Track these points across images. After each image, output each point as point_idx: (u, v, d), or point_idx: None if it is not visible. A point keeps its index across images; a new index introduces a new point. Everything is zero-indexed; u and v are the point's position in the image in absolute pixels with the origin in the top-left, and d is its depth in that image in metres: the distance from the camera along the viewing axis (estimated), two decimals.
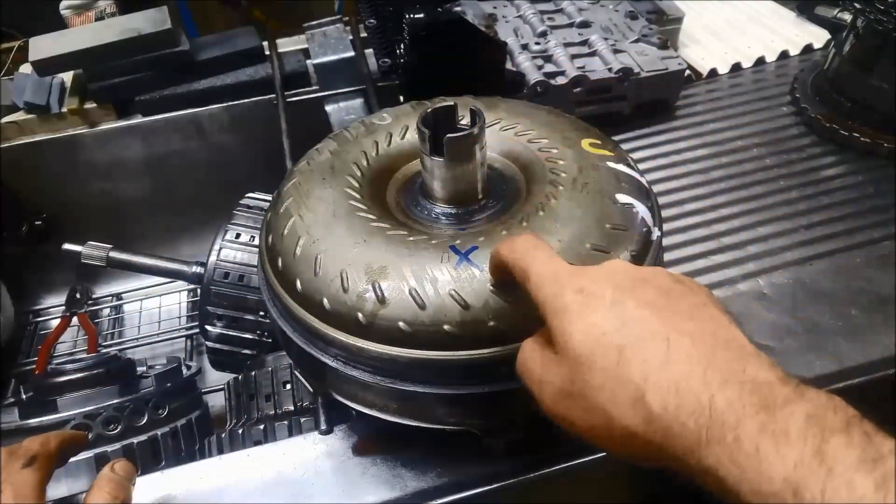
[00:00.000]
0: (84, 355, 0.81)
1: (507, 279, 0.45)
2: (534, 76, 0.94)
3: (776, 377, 0.33)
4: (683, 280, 0.40)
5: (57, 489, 0.63)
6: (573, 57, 0.98)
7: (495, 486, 0.57)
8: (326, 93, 1.04)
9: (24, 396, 0.73)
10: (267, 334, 0.80)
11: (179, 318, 1.20)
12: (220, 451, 0.68)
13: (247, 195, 0.87)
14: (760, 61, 1.13)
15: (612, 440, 0.36)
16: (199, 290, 0.84)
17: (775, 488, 0.29)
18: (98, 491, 0.48)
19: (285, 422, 0.68)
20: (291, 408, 0.71)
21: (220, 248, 0.80)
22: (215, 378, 1.00)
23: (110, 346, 1.15)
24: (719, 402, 0.32)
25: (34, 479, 0.47)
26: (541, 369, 0.40)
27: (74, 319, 1.16)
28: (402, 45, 0.88)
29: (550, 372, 0.39)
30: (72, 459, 0.63)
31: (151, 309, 1.23)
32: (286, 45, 1.19)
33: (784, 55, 1.14)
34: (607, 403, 0.35)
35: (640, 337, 0.36)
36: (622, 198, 0.53)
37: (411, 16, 0.82)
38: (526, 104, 0.67)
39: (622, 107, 1.00)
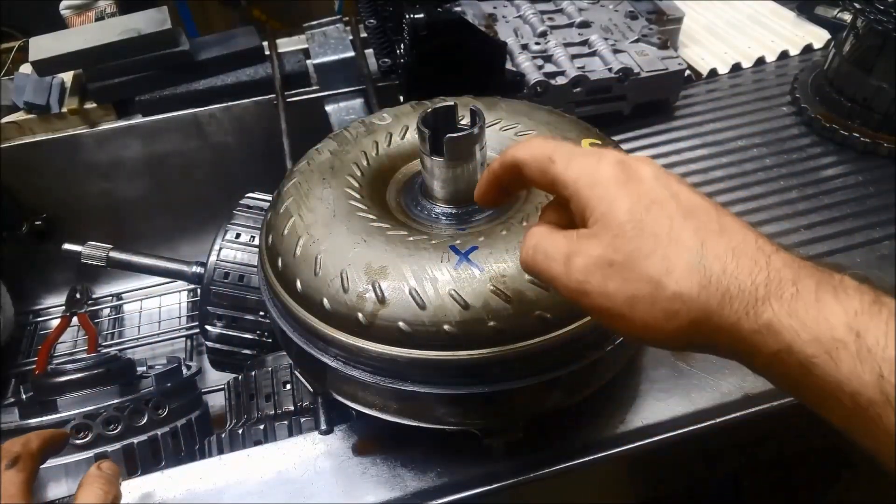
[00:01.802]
0: (84, 355, 0.81)
1: (505, 190, 0.44)
2: (534, 76, 0.94)
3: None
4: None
5: (57, 489, 0.63)
6: (573, 57, 0.98)
7: (495, 486, 0.57)
8: (326, 93, 1.04)
9: (24, 396, 0.73)
10: (267, 334, 0.80)
11: (179, 318, 1.20)
12: (220, 451, 0.68)
13: (247, 195, 0.87)
14: (760, 61, 1.13)
15: (653, 311, 0.34)
16: (199, 290, 0.84)
17: (836, 333, 0.30)
18: (89, 488, 0.48)
19: (285, 422, 0.68)
20: (291, 408, 0.71)
21: (220, 248, 0.80)
22: (215, 378, 1.00)
23: (110, 346, 1.15)
24: (776, 263, 0.33)
25: (19, 479, 0.47)
26: (567, 245, 0.37)
27: (74, 319, 1.16)
28: (402, 45, 0.88)
29: (582, 244, 0.36)
30: (72, 459, 0.63)
31: (151, 309, 1.23)
32: (286, 45, 1.19)
33: (784, 55, 1.14)
34: (657, 270, 0.34)
35: (690, 208, 0.36)
36: None
37: (411, 16, 0.82)
38: (526, 104, 0.67)
39: (622, 107, 1.00)
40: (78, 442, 0.65)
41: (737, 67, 1.12)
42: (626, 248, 0.35)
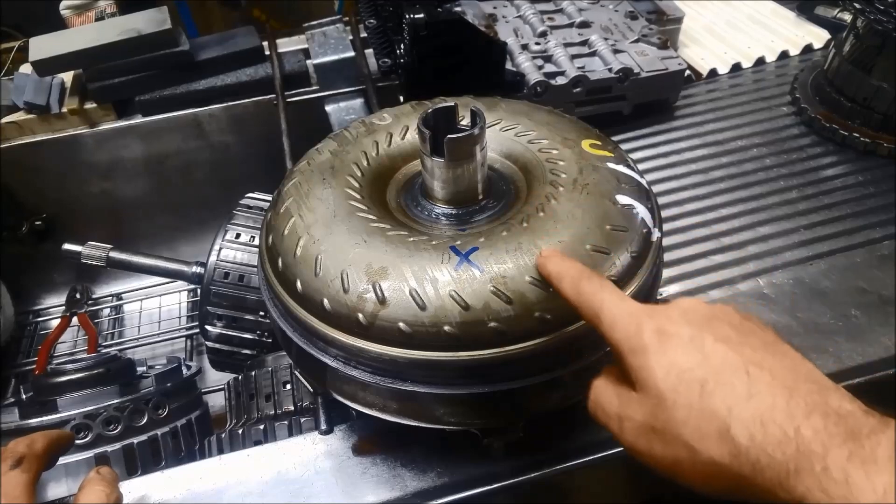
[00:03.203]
0: (84, 355, 0.81)
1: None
2: (534, 76, 0.94)
3: (859, 408, 0.34)
4: (750, 317, 0.41)
5: (57, 489, 0.63)
6: (573, 57, 0.98)
7: (495, 486, 0.57)
8: (326, 93, 1.04)
9: (24, 396, 0.73)
10: (267, 334, 0.80)
11: (179, 318, 1.20)
12: (220, 451, 0.68)
13: (247, 195, 0.87)
14: (760, 61, 1.13)
15: (696, 473, 0.37)
16: (199, 290, 0.84)
17: None
18: (89, 489, 0.48)
19: (285, 422, 0.68)
20: (291, 408, 0.71)
21: (220, 248, 0.80)
22: (215, 378, 1.00)
23: (110, 346, 1.15)
24: (806, 433, 0.33)
25: (23, 479, 0.47)
26: (619, 406, 0.41)
27: (74, 319, 1.16)
28: (402, 45, 0.88)
29: (630, 408, 0.40)
30: (72, 459, 0.63)
31: (151, 309, 1.23)
32: (286, 45, 1.19)
33: (784, 55, 1.14)
34: (692, 437, 0.36)
35: (720, 371, 0.37)
36: (622, 199, 0.53)
37: (411, 16, 0.82)
38: (526, 104, 0.67)
39: (622, 107, 1.00)
40: (78, 442, 0.65)
41: (737, 67, 1.12)
42: (664, 416, 0.38)
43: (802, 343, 0.69)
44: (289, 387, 0.72)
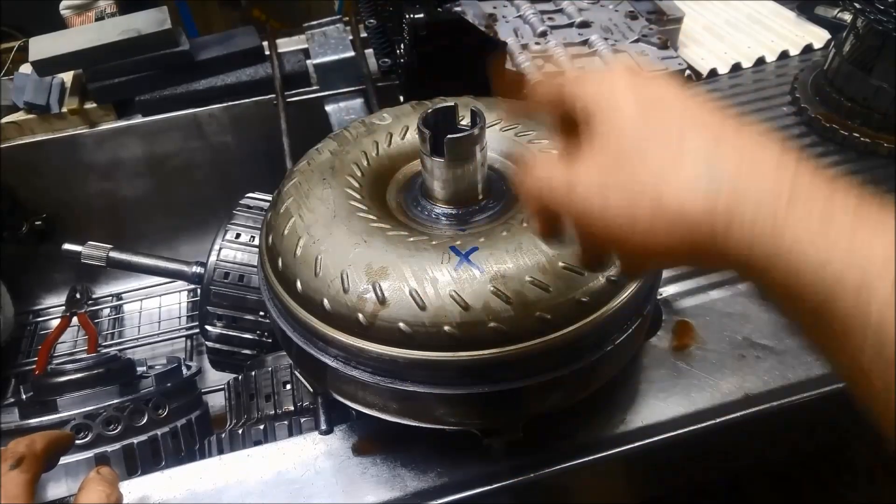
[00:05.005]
0: (84, 355, 0.81)
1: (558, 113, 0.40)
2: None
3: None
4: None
5: (57, 489, 0.63)
6: (573, 57, 0.98)
7: (495, 486, 0.57)
8: (326, 93, 1.04)
9: (24, 396, 0.73)
10: (267, 334, 0.80)
11: (179, 318, 1.20)
12: (220, 451, 0.68)
13: (247, 195, 0.87)
14: (760, 61, 1.13)
15: (653, 229, 0.31)
16: (199, 290, 0.84)
17: (875, 268, 0.26)
18: (90, 489, 0.48)
19: (285, 422, 0.68)
20: (291, 408, 0.71)
21: (220, 248, 0.80)
22: (215, 378, 1.00)
23: (110, 346, 1.15)
24: (804, 172, 0.29)
25: (23, 479, 0.47)
26: (568, 170, 0.35)
27: (74, 319, 1.16)
28: (402, 45, 0.88)
29: (585, 164, 0.34)
30: (72, 459, 0.63)
31: (151, 309, 1.23)
32: (286, 45, 1.19)
33: (784, 55, 1.14)
34: (663, 182, 0.31)
35: (705, 121, 0.33)
36: None
37: (411, 16, 0.82)
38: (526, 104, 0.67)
39: None
40: (78, 442, 0.65)
41: (737, 67, 1.12)
42: (632, 164, 0.32)
43: (802, 343, 0.69)
44: (289, 387, 0.72)
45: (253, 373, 0.75)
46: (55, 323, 1.17)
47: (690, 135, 0.32)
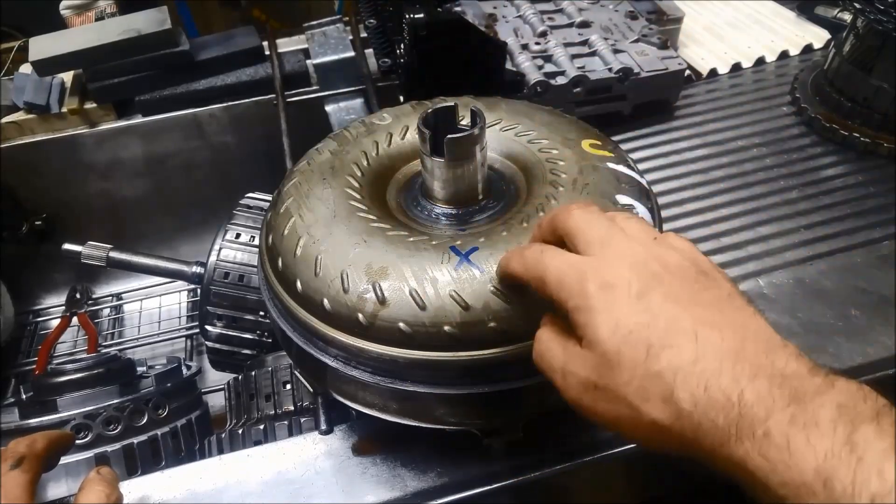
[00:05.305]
0: (84, 355, 0.81)
1: (515, 284, 0.45)
2: (534, 76, 0.94)
3: (805, 368, 0.33)
4: (707, 270, 0.40)
5: (57, 489, 0.63)
6: (573, 57, 0.98)
7: (495, 486, 0.57)
8: (326, 93, 1.04)
9: (24, 396, 0.73)
10: (267, 334, 0.80)
11: (179, 318, 1.20)
12: (220, 451, 0.68)
13: (247, 195, 0.87)
14: (760, 61, 1.13)
15: (638, 432, 0.37)
16: (199, 290, 0.84)
17: (806, 479, 0.30)
18: (90, 490, 0.48)
19: (285, 422, 0.68)
20: (291, 408, 0.71)
21: (220, 248, 0.80)
22: (215, 378, 1.00)
23: (110, 346, 1.15)
24: (749, 397, 0.32)
25: (23, 479, 0.47)
26: (563, 360, 0.40)
27: (74, 319, 1.16)
28: (402, 45, 0.88)
29: (575, 363, 0.39)
30: (72, 459, 0.63)
31: (151, 309, 1.23)
32: (286, 45, 1.19)
33: (784, 55, 1.14)
34: (635, 398, 0.36)
35: (667, 332, 0.36)
36: (622, 199, 0.53)
37: (411, 16, 0.82)
38: (526, 104, 0.67)
39: (622, 107, 1.00)
40: (78, 442, 0.65)
41: (737, 67, 1.12)
42: (608, 375, 0.37)
43: (802, 343, 0.68)
44: (289, 387, 0.72)
45: (253, 373, 0.75)
46: (55, 323, 1.17)
47: (656, 359, 0.35)
